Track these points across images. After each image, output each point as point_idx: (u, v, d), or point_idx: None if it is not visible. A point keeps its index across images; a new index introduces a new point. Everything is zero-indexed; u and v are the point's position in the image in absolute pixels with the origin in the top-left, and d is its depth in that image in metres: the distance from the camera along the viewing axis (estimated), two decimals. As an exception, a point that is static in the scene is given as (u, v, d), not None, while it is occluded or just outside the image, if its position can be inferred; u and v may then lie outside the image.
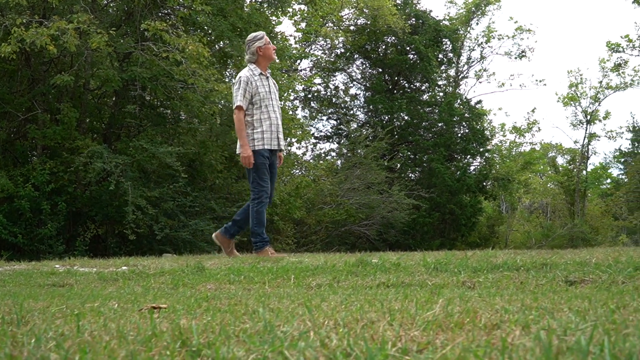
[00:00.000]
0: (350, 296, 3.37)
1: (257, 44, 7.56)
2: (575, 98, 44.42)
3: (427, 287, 4.04)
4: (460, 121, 31.78)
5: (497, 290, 3.74)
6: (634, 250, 6.86)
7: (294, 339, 1.79)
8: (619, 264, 4.39)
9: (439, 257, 5.68)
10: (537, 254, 6.19)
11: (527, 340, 1.65)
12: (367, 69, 32.08)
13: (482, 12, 37.76)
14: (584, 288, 3.69)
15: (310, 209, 22.50)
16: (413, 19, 31.04)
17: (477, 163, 33.34)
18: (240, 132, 7.34)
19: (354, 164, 24.97)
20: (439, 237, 28.95)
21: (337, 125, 30.60)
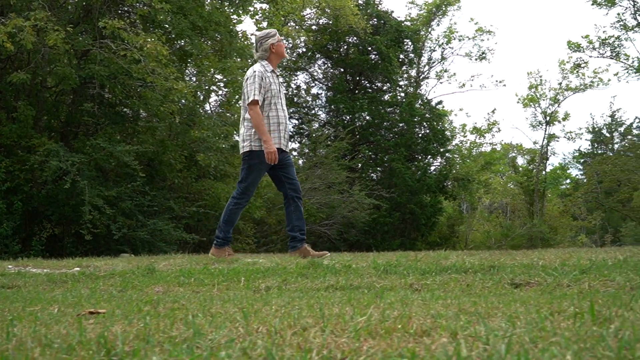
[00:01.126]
0: (294, 300, 3.36)
1: (270, 41, 7.36)
2: (535, 99, 44.88)
3: (375, 290, 4.04)
4: (421, 121, 31.95)
5: (442, 293, 3.76)
6: (586, 252, 6.94)
7: (219, 346, 1.77)
8: (566, 267, 4.43)
9: (390, 259, 5.69)
10: (488, 256, 6.24)
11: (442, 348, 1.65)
12: (328, 69, 32.10)
13: (442, 13, 38.02)
14: (529, 291, 3.72)
15: (271, 209, 22.45)
16: (375, 19, 31.14)
17: (437, 163, 33.60)
18: (262, 127, 7.03)
19: (315, 163, 24.96)
20: (400, 237, 29.06)
21: (298, 124, 30.56)
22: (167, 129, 18.85)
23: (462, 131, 44.89)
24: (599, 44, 33.47)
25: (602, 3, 33.05)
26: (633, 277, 3.84)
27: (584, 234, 51.68)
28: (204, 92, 20.85)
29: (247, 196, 7.38)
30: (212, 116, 19.95)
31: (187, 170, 18.97)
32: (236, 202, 7.33)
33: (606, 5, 33.02)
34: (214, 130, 18.31)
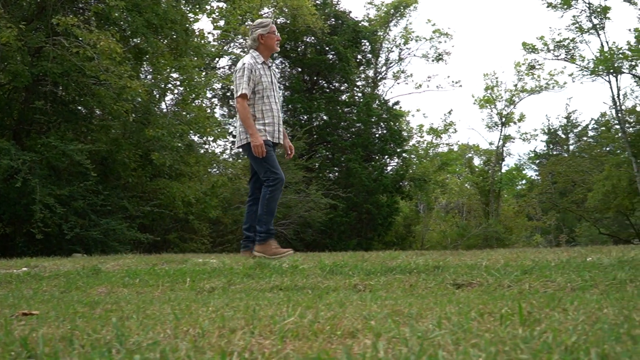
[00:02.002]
0: (234, 301, 3.34)
1: (259, 31, 7.17)
2: (491, 100, 45.31)
3: (319, 291, 4.04)
4: (378, 122, 32.08)
5: (384, 294, 3.77)
6: (533, 252, 7.01)
7: (139, 349, 1.76)
8: (509, 268, 4.47)
9: (337, 259, 5.70)
10: (436, 256, 6.27)
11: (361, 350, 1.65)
12: (286, 69, 32.05)
13: (400, 14, 38.19)
14: (470, 291, 3.74)
15: (227, 208, 22.36)
16: (332, 19, 31.18)
17: (394, 163, 33.75)
18: (248, 121, 6.87)
19: (274, 163, 24.89)
20: (356, 237, 29.13)
21: (255, 124, 30.47)
22: (122, 128, 18.66)
23: (419, 132, 45.17)
24: (554, 46, 33.85)
25: (558, 5, 33.44)
26: (574, 278, 3.88)
27: (539, 234, 52.31)
28: (159, 90, 20.67)
29: (279, 179, 7.05)
30: (167, 115, 19.79)
31: (142, 169, 18.80)
32: (272, 188, 7.00)
33: (561, 7, 33.42)
34: (169, 129, 18.16)
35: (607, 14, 32.77)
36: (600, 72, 31.94)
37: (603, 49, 32.07)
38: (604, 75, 32.18)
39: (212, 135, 21.61)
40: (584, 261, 4.62)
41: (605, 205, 36.44)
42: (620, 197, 35.54)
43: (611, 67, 31.27)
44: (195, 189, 19.54)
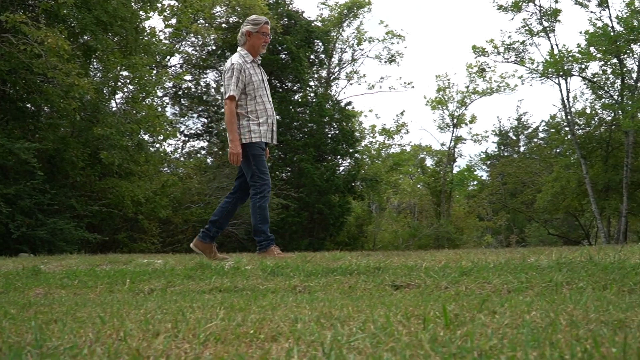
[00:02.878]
0: (168, 303, 3.31)
1: (248, 27, 6.87)
2: (442, 102, 45.69)
3: (257, 292, 4.02)
4: (330, 122, 32.15)
5: (323, 295, 3.77)
6: (476, 253, 7.06)
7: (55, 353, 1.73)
8: (448, 269, 4.49)
9: (277, 261, 5.69)
10: (380, 257, 6.29)
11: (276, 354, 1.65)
12: (238, 68, 31.92)
13: (353, 15, 38.32)
14: (407, 293, 3.75)
15: (177, 208, 22.21)
16: (285, 19, 31.19)
17: (346, 164, 33.84)
18: (232, 125, 6.63)
19: (224, 162, 24.82)
20: (308, 237, 29.17)
21: (207, 123, 30.30)
22: (70, 126, 18.44)
23: (372, 132, 45.34)
24: (504, 49, 34.21)
25: (509, 8, 33.80)
26: (510, 280, 3.91)
27: (489, 235, 52.90)
28: (109, 88, 20.45)
29: (266, 185, 6.83)
30: (116, 113, 19.60)
31: (91, 168, 18.58)
32: (260, 195, 6.79)
33: (512, 10, 33.78)
34: (118, 128, 17.98)
35: (558, 16, 33.24)
36: (549, 74, 32.38)
37: (553, 52, 32.51)
38: (553, 77, 32.63)
39: (162, 134, 21.46)
40: (522, 263, 4.66)
41: (555, 206, 36.96)
42: (569, 199, 36.07)
43: (561, 70, 31.70)
44: (145, 188, 19.40)
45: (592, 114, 35.48)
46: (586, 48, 31.75)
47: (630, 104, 30.52)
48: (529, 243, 49.20)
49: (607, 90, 33.29)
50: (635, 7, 31.13)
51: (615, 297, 3.07)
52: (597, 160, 34.67)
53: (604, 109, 34.22)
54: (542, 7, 33.28)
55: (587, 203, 34.63)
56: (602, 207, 32.91)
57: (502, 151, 55.73)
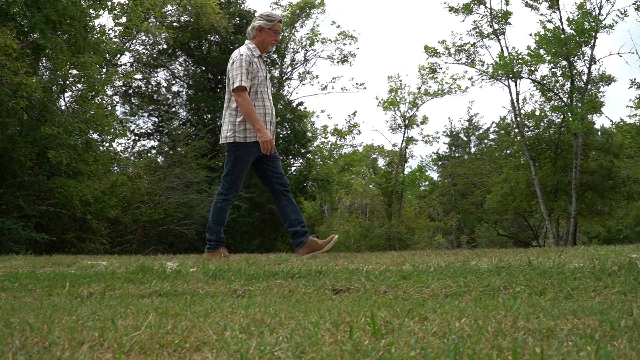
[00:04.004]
0: (103, 308, 3.26)
1: (261, 23, 6.76)
2: (394, 103, 45.89)
3: (197, 296, 3.99)
4: (282, 122, 32.09)
5: (262, 299, 3.75)
6: (421, 255, 7.08)
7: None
8: (388, 272, 4.51)
9: (222, 263, 5.65)
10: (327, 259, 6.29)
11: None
12: (190, 67, 31.73)
13: (306, 15, 38.32)
14: (346, 297, 3.75)
15: (127, 208, 21.96)
16: (237, 18, 31.03)
17: (298, 164, 33.82)
18: (253, 115, 6.43)
19: (174, 162, 24.65)
20: (259, 237, 29.11)
21: (158, 122, 30.05)
22: (18, 125, 18.15)
23: (324, 133, 45.38)
24: (455, 50, 34.49)
25: (460, 10, 34.07)
26: (449, 284, 3.93)
27: (440, 235, 53.34)
28: (58, 87, 20.15)
29: (234, 190, 6.81)
30: (64, 112, 19.32)
31: (39, 168, 18.28)
32: (224, 197, 6.77)
33: (463, 12, 34.06)
34: (66, 127, 17.72)
35: (508, 19, 33.60)
36: (499, 76, 32.72)
37: (503, 54, 32.87)
38: (503, 80, 32.97)
39: (111, 133, 21.21)
40: (463, 266, 4.69)
41: (504, 207, 37.37)
42: (518, 200, 36.51)
43: (510, 72, 32.05)
44: (94, 188, 19.14)
45: (541, 115, 35.95)
46: (536, 50, 32.15)
47: (579, 106, 31.01)
48: (479, 243, 49.77)
49: (556, 93, 33.76)
50: (586, 9, 31.65)
51: (549, 303, 3.11)
52: (546, 161, 35.16)
53: (553, 111, 34.70)
54: (492, 9, 33.62)
55: (536, 204, 35.08)
56: (551, 208, 33.39)
57: (453, 152, 56.28)
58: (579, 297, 3.44)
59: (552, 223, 34.24)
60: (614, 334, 2.10)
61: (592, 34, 31.35)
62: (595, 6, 32.11)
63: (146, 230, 22.92)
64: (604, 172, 33.86)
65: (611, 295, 3.45)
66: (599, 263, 4.50)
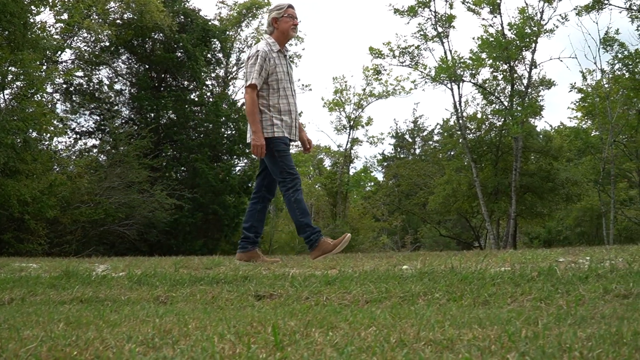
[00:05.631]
0: (16, 316, 3.22)
1: (273, 14, 6.61)
2: (339, 104, 46.01)
3: (119, 303, 3.96)
4: (227, 122, 31.94)
5: (184, 305, 3.74)
6: (354, 258, 7.11)
7: None
8: (313, 278, 4.52)
9: (148, 267, 5.61)
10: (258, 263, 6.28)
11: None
12: (133, 65, 31.38)
13: (252, 15, 38.23)
14: (268, 304, 3.75)
15: (66, 208, 21.63)
16: (182, 16, 30.80)
17: (243, 164, 33.71)
18: (253, 116, 6.31)
19: (115, 161, 24.36)
20: (202, 238, 28.93)
21: (100, 121, 29.64)
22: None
23: (270, 133, 45.17)
24: (399, 52, 34.70)
25: (404, 12, 34.28)
26: (371, 290, 3.95)
27: (385, 235, 53.61)
28: (-4, 84, 19.78)
29: (297, 179, 6.55)
30: (2, 110, 18.97)
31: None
32: (293, 189, 6.47)
33: (408, 14, 34.28)
34: (3, 125, 17.41)
35: (452, 22, 33.94)
36: (441, 79, 33.03)
37: (445, 57, 33.20)
38: (445, 83, 33.29)
39: (51, 132, 20.90)
40: (387, 271, 4.72)
41: (446, 208, 37.73)
42: (460, 201, 36.91)
43: (453, 75, 32.39)
44: (32, 187, 18.85)
45: (483, 118, 36.42)
46: (478, 54, 32.56)
47: (519, 110, 31.48)
48: (423, 244, 50.24)
49: (497, 96, 34.23)
50: (527, 14, 32.16)
51: (461, 311, 3.15)
52: (488, 164, 35.62)
53: (494, 114, 35.19)
54: (437, 12, 33.92)
55: (477, 205, 35.49)
56: (491, 209, 33.82)
57: (398, 153, 56.61)
58: (494, 304, 3.49)
59: (492, 224, 34.70)
60: (511, 346, 2.14)
61: (533, 39, 31.88)
62: (537, 11, 32.70)
63: (86, 230, 22.60)
64: (543, 175, 34.44)
65: (526, 302, 3.49)
66: (519, 268, 4.56)
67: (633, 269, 4.42)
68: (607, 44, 31.47)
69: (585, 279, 4.08)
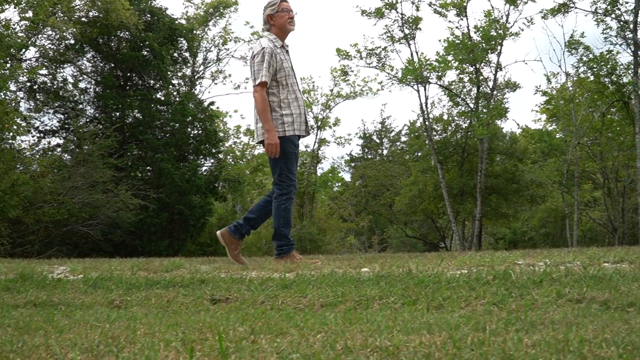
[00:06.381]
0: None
1: (267, 12, 6.49)
2: (307, 104, 45.99)
3: (72, 307, 3.91)
4: (193, 122, 31.78)
5: (139, 309, 3.70)
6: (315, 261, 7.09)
7: None
8: (270, 281, 4.50)
9: (105, 270, 5.56)
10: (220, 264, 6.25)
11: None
12: (98, 63, 31.07)
13: (220, 14, 38.10)
14: (223, 308, 3.73)
15: (29, 208, 21.39)
16: (148, 15, 30.58)
17: (209, 164, 33.58)
18: (266, 114, 6.15)
19: (79, 161, 24.13)
20: (168, 238, 28.77)
21: (64, 119, 29.32)
22: None
23: (237, 133, 45.12)
24: (367, 53, 34.75)
25: (372, 14, 34.34)
26: (327, 294, 3.94)
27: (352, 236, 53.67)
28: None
29: (293, 187, 6.42)
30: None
31: None
32: (286, 197, 6.38)
33: (375, 16, 34.34)
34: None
35: (419, 24, 34.06)
36: (408, 81, 33.14)
37: (412, 59, 33.32)
38: (412, 84, 33.41)
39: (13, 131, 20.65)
40: (344, 275, 4.71)
41: (412, 209, 37.90)
42: (426, 202, 37.09)
43: (419, 77, 32.52)
44: (-6, 187, 18.64)
45: (449, 120, 36.64)
46: (444, 56, 32.73)
47: (485, 112, 31.71)
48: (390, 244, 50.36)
49: (463, 98, 34.47)
50: (493, 17, 32.41)
51: (413, 315, 3.15)
52: (453, 165, 35.85)
53: (460, 116, 35.41)
54: (403, 14, 34.03)
55: (443, 206, 35.69)
56: (457, 210, 34.04)
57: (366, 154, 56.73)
58: (448, 308, 3.50)
59: (458, 225, 34.91)
60: (455, 353, 2.15)
61: (498, 41, 32.13)
62: (502, 14, 32.97)
63: (49, 231, 22.38)
64: (508, 176, 34.74)
65: (479, 307, 3.50)
66: (476, 272, 4.59)
67: (588, 273, 4.46)
68: (572, 47, 31.79)
69: (540, 283, 4.11)
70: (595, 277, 4.27)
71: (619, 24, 29.46)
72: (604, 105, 32.86)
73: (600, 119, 33.05)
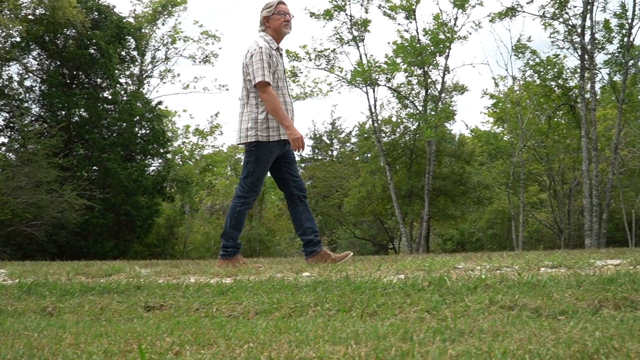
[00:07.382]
0: None
1: (263, 13, 6.38)
2: (257, 104, 45.76)
3: (6, 314, 3.84)
4: (141, 121, 31.51)
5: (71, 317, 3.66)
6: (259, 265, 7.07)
7: None
8: (207, 287, 4.47)
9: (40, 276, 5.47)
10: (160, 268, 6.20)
11: None
12: (44, 61, 30.61)
13: (168, 12, 37.81)
14: (157, 316, 3.70)
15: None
16: (95, 13, 30.25)
17: (157, 164, 33.31)
18: (280, 112, 6.07)
19: (24, 160, 23.75)
20: (114, 239, 28.48)
21: (9, 118, 28.82)
22: None
23: (185, 133, 44.77)
24: (315, 55, 34.75)
25: (320, 16, 34.35)
26: (263, 300, 3.92)
27: (301, 236, 53.64)
28: None
29: (255, 193, 6.41)
30: None
31: None
32: (244, 201, 6.34)
33: (324, 18, 34.36)
34: None
35: (368, 26, 34.16)
36: (357, 83, 33.25)
37: (361, 61, 33.42)
38: (361, 86, 33.52)
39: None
40: (282, 281, 4.70)
41: (360, 210, 38.04)
42: (374, 203, 37.25)
43: (368, 79, 32.64)
44: None
45: (397, 122, 36.84)
46: (393, 59, 32.91)
47: (433, 115, 31.97)
48: (339, 245, 50.44)
49: (412, 100, 34.69)
50: (441, 20, 32.68)
51: (345, 324, 3.15)
52: (402, 167, 36.11)
53: (408, 118, 35.64)
54: (352, 16, 34.10)
55: (391, 208, 35.88)
56: (405, 212, 34.26)
57: (316, 154, 56.79)
58: (382, 315, 3.50)
59: (406, 226, 35.15)
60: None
61: (446, 45, 32.41)
62: (451, 17, 33.26)
63: (-6, 231, 22.02)
64: (455, 178, 35.11)
65: (413, 314, 3.50)
66: (412, 278, 4.60)
67: (522, 279, 4.50)
68: (519, 51, 32.20)
69: (474, 289, 4.12)
70: (529, 283, 4.29)
71: (566, 28, 29.90)
72: (550, 108, 33.36)
73: (546, 122, 33.54)
